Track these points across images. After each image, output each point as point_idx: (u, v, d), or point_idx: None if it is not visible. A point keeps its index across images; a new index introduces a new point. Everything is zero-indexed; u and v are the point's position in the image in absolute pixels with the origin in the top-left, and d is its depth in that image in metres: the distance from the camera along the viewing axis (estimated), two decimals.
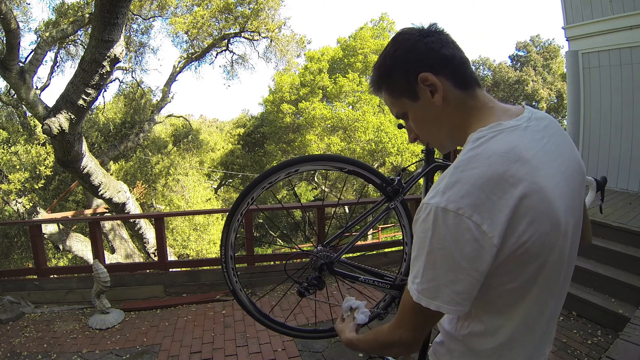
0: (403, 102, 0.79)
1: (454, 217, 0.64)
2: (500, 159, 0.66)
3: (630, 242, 3.38)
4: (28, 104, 7.35)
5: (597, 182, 1.82)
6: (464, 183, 0.65)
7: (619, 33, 5.15)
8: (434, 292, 0.69)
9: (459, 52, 0.77)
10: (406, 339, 0.79)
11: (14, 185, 7.96)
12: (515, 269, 0.70)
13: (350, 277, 1.73)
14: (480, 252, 0.65)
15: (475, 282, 0.68)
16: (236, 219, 1.66)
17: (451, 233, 0.65)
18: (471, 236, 0.64)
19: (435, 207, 0.66)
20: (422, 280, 0.70)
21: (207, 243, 10.94)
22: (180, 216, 10.91)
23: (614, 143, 5.32)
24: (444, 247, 0.66)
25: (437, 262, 0.68)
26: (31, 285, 4.01)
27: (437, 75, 0.73)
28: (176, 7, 11.44)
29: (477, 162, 0.67)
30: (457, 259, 0.66)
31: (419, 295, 0.71)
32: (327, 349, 2.79)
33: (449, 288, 0.68)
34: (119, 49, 4.48)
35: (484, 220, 0.64)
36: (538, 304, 0.76)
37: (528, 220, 0.66)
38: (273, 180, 1.64)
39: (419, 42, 0.75)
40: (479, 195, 0.64)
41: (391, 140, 14.36)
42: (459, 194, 0.65)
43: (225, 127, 25.43)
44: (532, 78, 21.43)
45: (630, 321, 2.30)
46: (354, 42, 17.29)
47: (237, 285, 1.79)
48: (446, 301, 0.69)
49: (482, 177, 0.65)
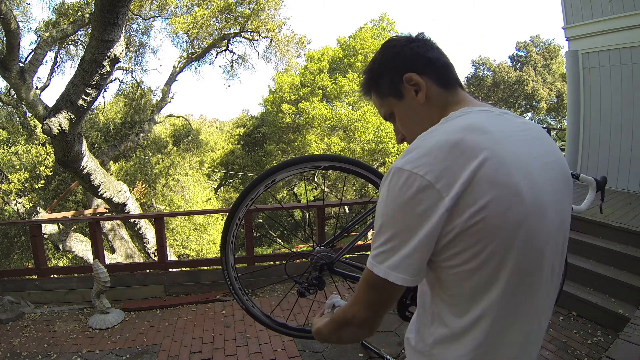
0: (390, 102, 0.84)
1: (408, 176, 0.65)
2: (461, 130, 0.69)
3: (630, 242, 3.38)
4: (28, 104, 7.35)
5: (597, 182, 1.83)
6: (422, 147, 0.68)
7: (619, 33, 5.15)
8: (383, 256, 0.69)
9: (443, 57, 0.82)
10: (359, 317, 0.76)
11: (14, 185, 7.96)
12: (473, 243, 0.66)
13: (351, 277, 1.73)
14: (432, 212, 0.64)
15: (425, 247, 0.66)
16: (230, 240, 1.69)
17: (404, 191, 0.65)
18: (424, 195, 0.64)
19: (394, 168, 0.68)
20: (375, 244, 0.70)
21: (207, 243, 10.94)
22: (180, 216, 10.91)
23: (614, 143, 5.32)
24: (395, 206, 0.67)
25: (389, 223, 0.68)
26: (31, 285, 4.01)
27: (421, 75, 0.78)
28: (176, 7, 11.44)
29: (437, 132, 0.70)
30: (407, 218, 0.66)
31: (372, 261, 0.70)
32: (327, 349, 2.79)
33: (398, 252, 0.67)
34: (119, 49, 4.48)
35: (439, 180, 0.64)
36: (510, 299, 0.69)
37: (485, 185, 0.64)
38: (255, 195, 1.65)
39: (405, 47, 0.81)
40: (436, 156, 0.65)
41: (391, 140, 14.35)
42: (416, 156, 0.67)
43: (225, 127, 25.42)
44: (532, 78, 21.42)
45: (630, 321, 2.30)
46: (354, 42, 17.28)
47: (248, 302, 1.81)
48: (393, 265, 0.68)
49: (440, 142, 0.67)
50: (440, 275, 0.71)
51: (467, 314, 0.70)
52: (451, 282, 0.70)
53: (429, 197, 0.64)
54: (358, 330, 0.79)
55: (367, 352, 2.68)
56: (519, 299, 0.70)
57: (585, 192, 1.85)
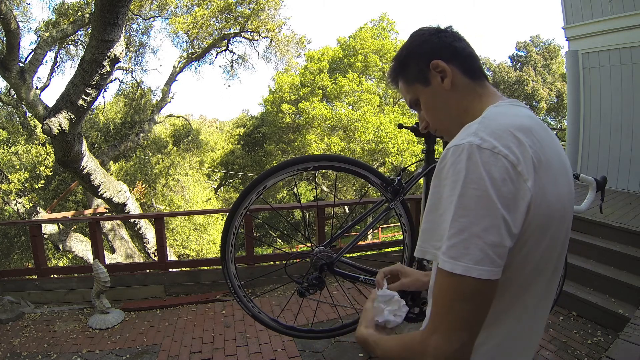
0: (416, 88, 0.83)
1: (490, 155, 0.60)
2: (528, 118, 0.69)
3: (630, 242, 3.38)
4: (28, 104, 7.35)
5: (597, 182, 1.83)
6: (495, 128, 0.64)
7: (619, 33, 5.15)
8: (462, 247, 0.59)
9: (470, 48, 0.82)
10: (442, 347, 0.59)
11: (14, 185, 7.96)
12: (539, 233, 0.63)
13: (351, 277, 1.73)
14: (517, 196, 0.60)
15: (511, 234, 0.60)
16: (229, 250, 1.69)
17: (487, 171, 0.59)
18: (508, 176, 0.60)
19: (470, 144, 0.61)
20: (449, 234, 0.60)
21: (207, 243, 10.94)
22: (180, 216, 10.91)
23: (614, 143, 5.32)
24: (479, 186, 0.59)
25: (471, 206, 0.59)
26: (31, 285, 4.01)
27: (448, 63, 0.78)
28: (176, 7, 11.44)
29: (505, 115, 0.69)
30: (494, 200, 0.59)
31: (446, 259, 0.60)
32: (327, 349, 2.79)
33: (482, 239, 0.58)
34: (119, 49, 4.48)
35: (519, 161, 0.61)
36: (543, 292, 0.70)
37: (552, 178, 0.64)
38: (249, 203, 1.65)
39: (433, 36, 0.82)
40: (512, 139, 0.62)
41: (391, 140, 14.35)
42: (492, 136, 0.62)
43: (225, 127, 25.42)
44: (532, 78, 21.41)
45: (630, 321, 2.30)
46: (354, 42, 17.28)
47: (254, 309, 1.81)
48: (477, 258, 0.58)
49: (513, 125, 0.65)
50: None
51: (504, 310, 0.66)
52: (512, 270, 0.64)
53: (514, 180, 0.60)
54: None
55: (367, 352, 2.68)
56: (549, 292, 0.72)
57: (585, 192, 1.85)
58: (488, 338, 0.67)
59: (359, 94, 15.90)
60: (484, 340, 0.66)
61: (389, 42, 17.12)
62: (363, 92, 15.80)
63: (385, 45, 16.76)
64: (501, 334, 0.68)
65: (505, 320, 0.68)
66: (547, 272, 0.70)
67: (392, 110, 16.36)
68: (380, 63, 16.81)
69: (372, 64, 16.82)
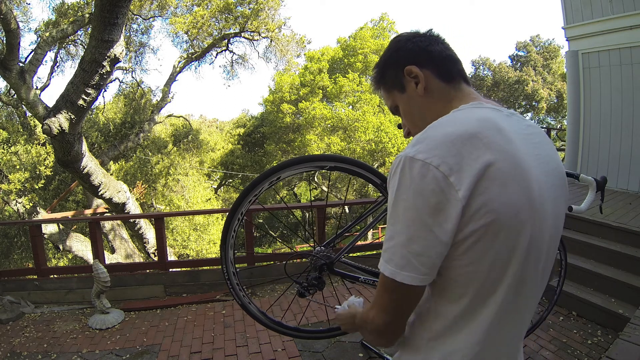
0: (394, 95, 0.85)
1: (421, 166, 0.62)
2: (477, 122, 0.67)
3: (630, 242, 3.38)
4: (28, 104, 7.34)
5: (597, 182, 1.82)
6: (434, 138, 0.65)
7: (619, 33, 5.15)
8: (391, 252, 0.65)
9: (448, 50, 0.82)
10: (377, 321, 0.73)
11: (14, 185, 7.96)
12: (484, 242, 0.64)
13: (351, 277, 1.73)
14: (446, 206, 0.61)
15: (437, 244, 0.62)
16: (231, 235, 1.68)
17: (416, 182, 0.62)
18: (437, 186, 0.61)
19: (404, 156, 0.65)
20: (385, 239, 0.67)
21: (207, 243, 10.94)
22: (180, 216, 10.91)
23: (614, 143, 5.32)
24: (407, 198, 0.63)
25: (400, 216, 0.64)
26: (31, 285, 4.01)
27: (422, 68, 0.79)
28: (176, 7, 11.44)
29: (450, 123, 0.68)
30: (420, 212, 0.62)
31: (381, 260, 0.68)
32: (327, 349, 2.79)
33: (405, 248, 0.63)
34: (119, 49, 4.48)
35: (452, 172, 0.61)
36: (511, 299, 0.69)
37: (498, 184, 0.62)
38: (259, 192, 1.65)
39: (408, 42, 0.83)
40: (450, 148, 0.62)
41: (391, 140, 14.35)
42: (429, 145, 0.64)
43: (225, 127, 25.42)
44: (532, 78, 21.41)
45: (630, 321, 2.30)
46: (354, 42, 17.28)
47: (245, 299, 1.80)
48: (401, 264, 0.64)
49: (454, 133, 0.64)
50: (447, 275, 0.68)
51: (470, 311, 0.69)
52: (460, 282, 0.68)
53: (444, 190, 0.61)
54: (378, 335, 0.76)
55: (367, 352, 2.68)
56: (517, 299, 0.71)
57: (585, 192, 1.85)
58: (452, 344, 0.71)
59: (359, 94, 15.90)
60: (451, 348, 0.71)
61: (389, 42, 17.12)
62: (363, 92, 15.80)
63: (385, 45, 16.74)
64: (463, 342, 0.70)
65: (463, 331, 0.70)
66: (506, 282, 0.67)
67: None
68: None
69: (372, 64, 16.69)
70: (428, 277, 0.65)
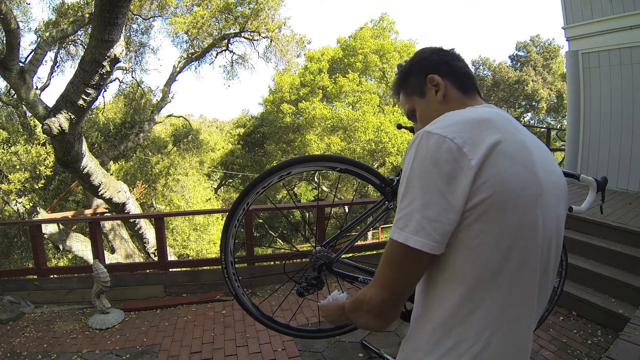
0: (413, 100, 0.93)
1: (437, 139, 0.68)
2: (488, 112, 0.76)
3: (630, 242, 3.38)
4: (28, 104, 7.35)
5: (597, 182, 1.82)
6: (450, 118, 0.73)
7: (619, 33, 5.15)
8: (406, 219, 0.67)
9: (466, 67, 0.91)
10: (378, 299, 0.73)
11: (14, 185, 7.96)
12: (491, 215, 0.66)
13: (350, 277, 1.73)
14: (459, 174, 0.66)
15: (450, 210, 0.65)
16: (234, 224, 1.67)
17: (432, 153, 0.67)
18: (451, 156, 0.66)
19: (422, 132, 0.71)
20: (398, 208, 0.70)
21: (207, 243, 10.94)
22: (180, 216, 10.91)
23: (614, 143, 5.32)
24: (422, 167, 0.68)
25: (415, 184, 0.68)
26: (31, 285, 4.01)
27: (443, 78, 0.87)
28: (176, 7, 11.44)
29: (464, 111, 0.77)
30: (434, 179, 0.66)
31: (393, 228, 0.69)
32: (327, 349, 2.79)
33: (420, 213, 0.66)
34: (119, 49, 4.48)
35: (466, 144, 0.67)
36: (516, 281, 0.69)
37: (507, 159, 0.68)
38: (268, 184, 1.64)
39: (433, 54, 0.92)
40: (464, 126, 0.70)
41: (391, 140, 14.35)
42: (445, 123, 0.71)
43: (225, 127, 25.42)
44: (532, 78, 21.40)
45: (630, 321, 2.30)
46: (354, 42, 17.28)
47: (239, 289, 1.80)
48: (415, 229, 0.66)
49: (468, 117, 0.73)
50: (454, 248, 0.69)
51: (474, 294, 0.69)
52: (465, 256, 0.69)
53: (457, 159, 0.66)
54: (374, 318, 0.76)
55: (367, 352, 2.68)
56: (524, 285, 0.71)
57: (586, 192, 1.85)
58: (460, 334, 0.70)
59: (359, 94, 15.90)
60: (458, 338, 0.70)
61: (388, 42, 17.13)
62: (363, 92, 15.79)
63: (385, 45, 16.76)
64: (471, 329, 0.70)
65: (472, 316, 0.70)
66: (511, 263, 0.68)
67: (392, 110, 16.36)
68: (380, 63, 16.81)
69: (372, 64, 16.81)
70: (438, 245, 0.67)
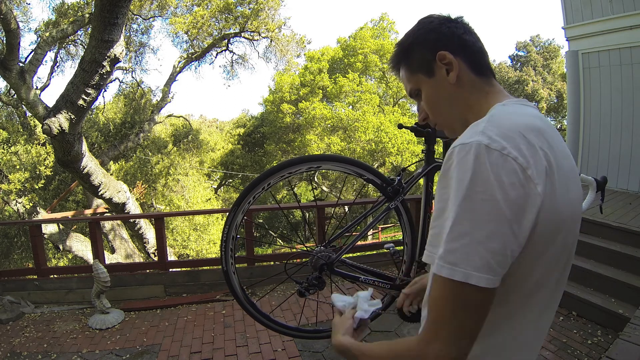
0: (418, 78, 0.79)
1: (498, 157, 0.57)
2: (538, 118, 0.66)
3: (630, 242, 3.38)
4: (28, 104, 7.34)
5: (597, 182, 1.83)
6: (504, 127, 0.60)
7: (619, 33, 5.15)
8: (462, 253, 0.56)
9: (479, 42, 0.78)
10: (443, 356, 0.57)
11: (14, 185, 7.96)
12: (546, 240, 0.60)
13: (351, 277, 1.73)
14: (527, 202, 0.57)
15: (514, 241, 0.57)
16: (248, 200, 1.68)
17: (495, 174, 0.56)
18: (517, 179, 0.56)
19: (477, 144, 0.58)
20: (448, 238, 0.57)
21: (207, 243, 10.94)
22: (180, 216, 10.91)
23: (614, 143, 5.32)
24: (486, 189, 0.56)
25: (476, 210, 0.56)
26: (31, 285, 4.01)
27: (455, 56, 0.74)
28: (176, 7, 11.44)
29: (514, 115, 0.65)
30: (499, 206, 0.55)
31: (441, 262, 0.57)
32: (327, 348, 2.79)
33: (483, 246, 0.55)
34: (119, 49, 4.48)
35: (529, 165, 0.57)
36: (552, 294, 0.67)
37: (562, 183, 0.60)
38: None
39: (442, 25, 0.77)
40: (521, 139, 0.59)
41: (391, 140, 14.35)
42: (501, 136, 0.58)
43: (225, 127, 25.42)
44: (532, 78, 21.42)
45: (630, 321, 2.30)
46: (354, 42, 17.29)
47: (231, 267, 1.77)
48: (477, 265, 0.55)
49: (522, 124, 0.62)
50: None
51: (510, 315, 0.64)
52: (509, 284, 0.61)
53: (524, 184, 0.57)
54: None
55: None
56: (552, 301, 0.70)
57: (585, 193, 1.85)
58: (487, 349, 0.65)
59: (359, 94, 15.90)
60: (483, 352, 0.65)
61: (389, 42, 17.13)
62: (363, 92, 15.80)
63: (385, 45, 16.76)
64: (500, 344, 0.66)
65: (504, 330, 0.66)
66: (551, 283, 0.66)
67: (392, 110, 16.36)
68: (380, 63, 16.81)
69: (372, 64, 16.82)
70: (499, 280, 0.57)
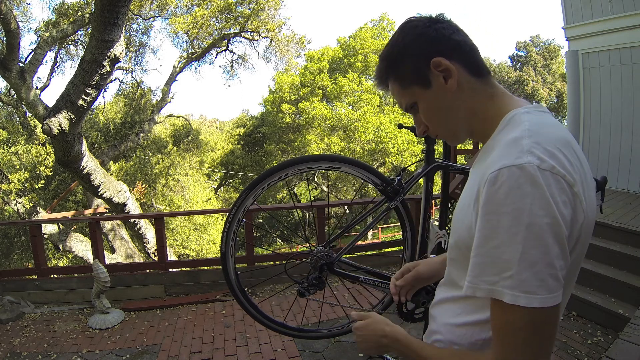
0: (413, 92, 0.73)
1: (550, 176, 0.56)
2: (562, 128, 0.66)
3: (630, 242, 3.38)
4: (28, 104, 7.34)
5: (597, 182, 1.83)
6: (545, 143, 0.59)
7: (619, 33, 5.14)
8: (537, 280, 0.55)
9: (469, 39, 0.73)
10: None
11: (14, 185, 7.96)
12: (576, 250, 0.62)
13: (351, 277, 1.73)
14: (575, 218, 0.58)
15: (567, 257, 0.58)
16: (262, 186, 1.68)
17: (552, 194, 0.55)
18: (568, 198, 0.56)
19: (530, 165, 0.56)
20: (519, 269, 0.55)
21: (207, 243, 10.95)
22: (180, 216, 10.91)
23: (614, 143, 5.32)
24: (549, 213, 0.55)
25: (543, 236, 0.55)
26: (31, 285, 4.01)
27: (450, 60, 0.69)
28: (176, 7, 11.44)
29: (546, 127, 0.63)
30: (561, 225, 0.55)
31: (515, 292, 0.55)
32: (327, 349, 2.79)
33: (554, 267, 0.55)
34: (119, 49, 4.48)
35: (575, 181, 0.58)
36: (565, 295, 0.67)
37: (591, 199, 0.62)
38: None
39: (428, 29, 0.71)
40: (562, 156, 0.59)
41: (391, 140, 14.36)
42: (547, 154, 0.57)
43: (225, 127, 25.43)
44: (532, 78, 21.43)
45: (630, 321, 2.30)
46: (354, 42, 17.30)
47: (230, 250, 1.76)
48: (552, 287, 0.55)
49: (557, 138, 0.61)
50: None
51: None
52: None
53: (573, 203, 0.57)
54: None
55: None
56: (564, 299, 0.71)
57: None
58: None
59: (359, 94, 15.91)
60: None
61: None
62: (363, 92, 15.81)
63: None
64: None
65: None
66: (568, 288, 0.66)
67: (392, 110, 16.36)
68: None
69: (372, 64, 16.81)
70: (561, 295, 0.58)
